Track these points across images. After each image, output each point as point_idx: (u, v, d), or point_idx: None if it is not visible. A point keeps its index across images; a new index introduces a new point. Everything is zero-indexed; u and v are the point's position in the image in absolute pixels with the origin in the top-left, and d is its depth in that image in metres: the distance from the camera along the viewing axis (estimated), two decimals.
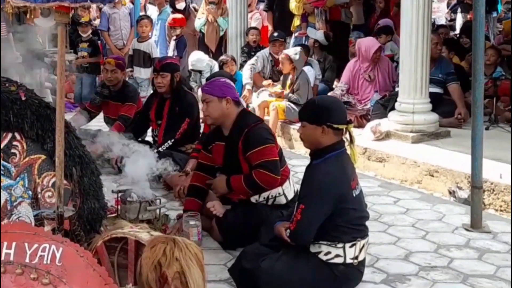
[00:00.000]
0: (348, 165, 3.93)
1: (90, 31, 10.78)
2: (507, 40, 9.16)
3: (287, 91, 8.25)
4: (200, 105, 8.20)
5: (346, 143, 3.96)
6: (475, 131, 5.03)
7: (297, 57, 8.11)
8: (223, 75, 6.07)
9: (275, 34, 9.57)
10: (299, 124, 4.13)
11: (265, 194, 4.76)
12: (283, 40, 9.42)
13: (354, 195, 3.90)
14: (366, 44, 8.23)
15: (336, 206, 3.79)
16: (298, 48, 8.42)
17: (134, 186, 5.06)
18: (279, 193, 4.77)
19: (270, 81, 8.92)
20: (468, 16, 11.82)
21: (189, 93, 6.96)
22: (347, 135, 3.95)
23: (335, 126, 3.85)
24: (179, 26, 10.49)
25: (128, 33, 11.12)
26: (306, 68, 8.56)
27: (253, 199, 4.78)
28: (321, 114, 3.89)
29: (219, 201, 4.96)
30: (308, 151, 4.07)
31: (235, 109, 4.84)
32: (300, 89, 8.08)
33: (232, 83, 5.16)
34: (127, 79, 9.41)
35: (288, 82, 8.30)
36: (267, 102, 8.37)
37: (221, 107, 4.79)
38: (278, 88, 8.54)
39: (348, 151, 3.97)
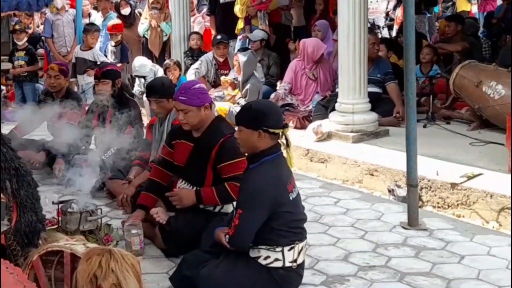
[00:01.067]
0: (284, 168, 3.98)
1: (25, 39, 10.61)
2: (443, 39, 9.36)
3: (239, 94, 8.31)
4: (143, 111, 8.27)
5: (283, 147, 4.03)
6: (409, 130, 5.11)
7: (244, 59, 8.13)
8: (163, 81, 6.09)
9: (218, 37, 9.60)
10: None
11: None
12: (226, 42, 9.45)
13: (291, 198, 3.94)
14: (314, 45, 8.35)
15: (273, 210, 3.83)
16: (249, 51, 8.45)
17: (76, 196, 5.05)
18: None
19: (229, 79, 8.87)
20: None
21: (131, 99, 6.95)
22: (284, 139, 4.00)
23: (271, 130, 3.90)
24: (119, 32, 10.41)
25: (72, 40, 10.98)
26: None
27: (201, 205, 4.78)
28: (257, 119, 3.92)
29: (162, 208, 4.96)
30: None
31: (211, 114, 4.87)
32: (249, 96, 8.11)
33: (205, 86, 5.17)
34: (75, 89, 9.34)
35: (240, 86, 8.36)
36: None
37: (200, 114, 4.73)
38: (235, 91, 8.58)
39: (285, 155, 4.04)
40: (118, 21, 10.65)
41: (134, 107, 6.70)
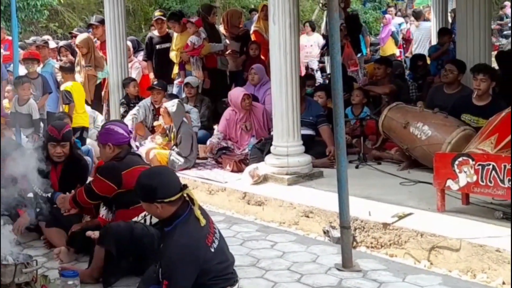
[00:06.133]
0: (197, 226, 4.01)
1: None
2: (372, 81, 9.66)
3: (173, 142, 8.41)
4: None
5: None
6: (340, 173, 5.24)
7: (174, 109, 8.25)
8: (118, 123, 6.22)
9: (154, 83, 9.71)
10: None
11: (142, 214, 5.05)
12: (160, 89, 9.51)
13: (213, 249, 4.01)
14: (234, 94, 8.57)
15: (199, 269, 3.92)
16: (176, 100, 8.55)
17: (12, 248, 5.01)
18: None
19: (162, 123, 8.87)
20: None
21: (82, 158, 6.81)
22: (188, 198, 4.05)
23: (166, 200, 3.96)
24: (35, 59, 10.22)
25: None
26: None
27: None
28: (147, 193, 4.01)
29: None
30: None
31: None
32: (183, 143, 8.24)
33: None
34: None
35: (171, 135, 8.45)
36: (151, 149, 8.47)
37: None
38: (165, 140, 8.64)
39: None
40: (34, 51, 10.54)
41: (85, 165, 6.62)
